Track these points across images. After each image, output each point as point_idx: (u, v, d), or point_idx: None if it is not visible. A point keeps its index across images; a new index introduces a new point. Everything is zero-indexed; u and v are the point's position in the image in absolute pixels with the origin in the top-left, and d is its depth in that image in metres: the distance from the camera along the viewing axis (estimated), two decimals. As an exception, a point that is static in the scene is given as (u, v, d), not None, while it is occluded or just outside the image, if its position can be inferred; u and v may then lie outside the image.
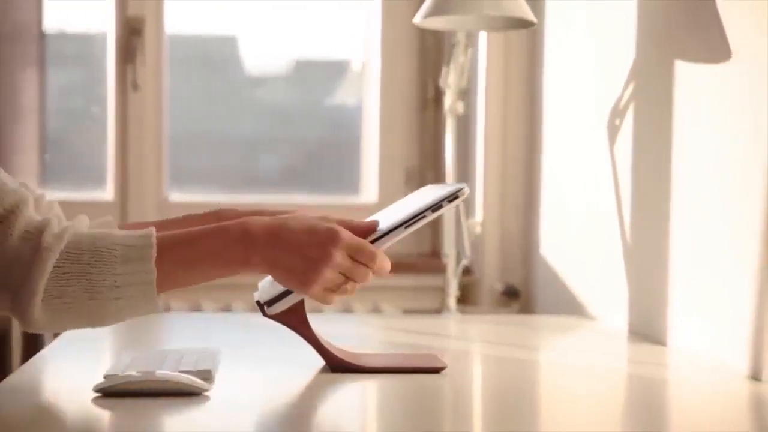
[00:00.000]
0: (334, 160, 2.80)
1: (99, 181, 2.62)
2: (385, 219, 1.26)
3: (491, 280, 2.47)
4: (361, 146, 2.74)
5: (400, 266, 2.53)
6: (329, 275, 1.19)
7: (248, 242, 1.17)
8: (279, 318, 1.27)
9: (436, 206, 1.23)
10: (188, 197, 2.65)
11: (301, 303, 1.27)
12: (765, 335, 1.32)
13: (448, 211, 1.24)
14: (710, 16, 1.48)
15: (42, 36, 2.62)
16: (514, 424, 1.11)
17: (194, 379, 1.16)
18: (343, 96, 2.82)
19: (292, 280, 1.20)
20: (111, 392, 1.13)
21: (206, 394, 1.15)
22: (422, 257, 2.63)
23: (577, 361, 1.53)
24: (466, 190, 1.24)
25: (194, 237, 1.18)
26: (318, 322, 1.32)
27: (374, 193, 2.68)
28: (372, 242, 1.23)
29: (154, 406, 1.11)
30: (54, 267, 1.11)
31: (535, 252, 2.34)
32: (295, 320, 1.28)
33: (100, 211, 2.51)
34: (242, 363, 1.38)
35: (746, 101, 1.38)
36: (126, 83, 2.58)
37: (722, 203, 1.45)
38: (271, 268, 1.19)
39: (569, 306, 2.10)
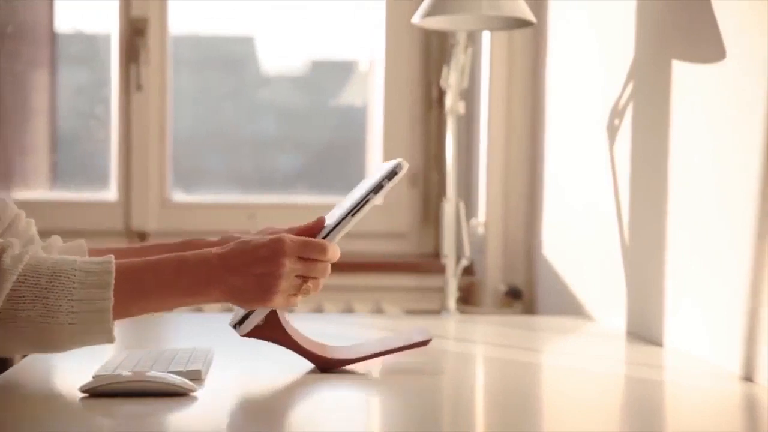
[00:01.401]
0: (339, 160, 2.80)
1: (103, 181, 2.63)
2: (335, 213, 1.28)
3: (494, 281, 2.46)
4: (365, 147, 2.74)
5: (402, 267, 2.55)
6: (285, 283, 1.20)
7: (206, 272, 1.18)
8: (254, 335, 1.28)
9: (377, 187, 1.25)
10: (192, 198, 2.66)
11: (273, 314, 1.27)
12: (758, 338, 1.32)
13: (391, 188, 1.26)
14: (708, 17, 1.48)
15: (53, 36, 2.63)
16: (513, 424, 1.11)
17: (182, 379, 1.16)
18: (350, 96, 2.82)
19: (251, 301, 1.21)
20: (98, 392, 1.13)
21: (194, 394, 1.15)
22: (424, 258, 2.62)
23: (574, 362, 1.52)
24: (404, 164, 1.26)
25: (152, 266, 1.18)
26: (319, 323, 1.33)
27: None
28: (324, 238, 1.24)
29: (139, 406, 1.11)
30: (10, 290, 1.11)
31: (538, 253, 2.34)
32: (271, 333, 1.28)
33: (103, 211, 2.53)
34: (236, 363, 1.38)
35: (744, 101, 1.38)
36: (130, 83, 2.58)
37: (720, 206, 1.44)
38: (230, 296, 1.20)
39: (571, 307, 2.09)
